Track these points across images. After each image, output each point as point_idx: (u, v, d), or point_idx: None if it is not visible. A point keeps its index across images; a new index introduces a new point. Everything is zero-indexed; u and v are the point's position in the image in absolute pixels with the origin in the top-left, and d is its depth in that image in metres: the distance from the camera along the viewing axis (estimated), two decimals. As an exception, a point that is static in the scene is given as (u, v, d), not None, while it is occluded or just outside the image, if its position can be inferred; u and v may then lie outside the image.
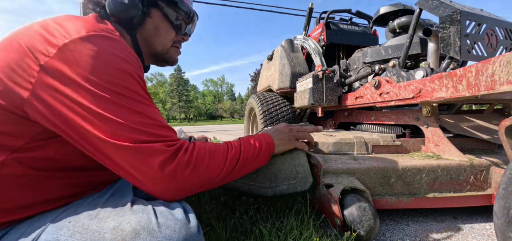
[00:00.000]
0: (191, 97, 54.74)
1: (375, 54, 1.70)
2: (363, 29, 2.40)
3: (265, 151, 0.70)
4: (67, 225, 0.42)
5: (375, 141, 1.17)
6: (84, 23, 0.48)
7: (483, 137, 1.11)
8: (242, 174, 0.63)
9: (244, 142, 0.66)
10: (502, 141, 0.70)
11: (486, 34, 1.06)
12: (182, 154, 0.49)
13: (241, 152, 0.62)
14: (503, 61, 0.75)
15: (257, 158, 0.67)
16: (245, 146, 0.65)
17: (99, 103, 0.43)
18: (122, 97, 0.45)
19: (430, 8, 1.16)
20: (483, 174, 0.93)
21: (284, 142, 0.80)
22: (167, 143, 0.48)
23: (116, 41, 0.49)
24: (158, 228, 0.41)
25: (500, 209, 0.58)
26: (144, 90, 0.50)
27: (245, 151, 0.63)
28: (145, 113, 0.48)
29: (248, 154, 0.64)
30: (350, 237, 0.69)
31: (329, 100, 1.59)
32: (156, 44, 0.68)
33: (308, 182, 0.83)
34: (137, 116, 0.46)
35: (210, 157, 0.54)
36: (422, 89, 1.06)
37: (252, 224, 0.79)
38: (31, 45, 0.43)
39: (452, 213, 0.98)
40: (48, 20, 0.48)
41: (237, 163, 0.60)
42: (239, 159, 0.61)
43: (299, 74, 2.08)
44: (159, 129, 0.48)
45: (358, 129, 1.63)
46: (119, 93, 0.45)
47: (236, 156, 0.60)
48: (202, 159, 0.52)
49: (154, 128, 0.48)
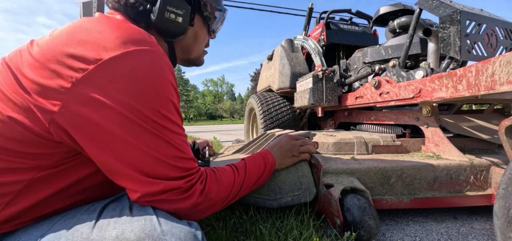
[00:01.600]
0: (191, 97, 54.72)
1: (375, 54, 1.70)
2: (363, 29, 2.40)
3: (266, 175, 0.72)
4: (65, 235, 0.39)
5: (375, 141, 1.17)
6: (123, 32, 0.43)
7: (483, 137, 1.11)
8: (243, 195, 0.66)
9: (249, 168, 0.66)
10: (502, 141, 0.70)
11: (486, 34, 1.06)
12: (197, 194, 0.50)
13: (245, 179, 0.64)
14: (503, 61, 0.75)
15: (258, 181, 0.69)
16: (250, 171, 0.66)
17: (134, 132, 0.42)
18: (160, 128, 0.45)
19: (430, 8, 1.16)
20: (483, 174, 0.93)
21: (286, 161, 0.82)
22: (186, 179, 0.48)
23: (159, 56, 0.45)
24: (163, 236, 0.39)
25: (500, 209, 0.58)
26: (179, 114, 0.50)
27: (249, 176, 0.65)
28: (173, 143, 0.47)
29: (252, 179, 0.66)
30: (350, 237, 0.69)
31: (329, 100, 1.59)
32: (192, 51, 0.68)
33: (312, 193, 0.84)
34: (168, 148, 0.46)
35: (218, 187, 0.55)
36: (422, 89, 1.06)
37: (252, 224, 0.79)
38: (60, 56, 0.40)
39: (452, 213, 0.98)
40: (80, 24, 0.44)
41: (241, 189, 0.62)
42: (242, 185, 0.63)
43: (299, 74, 2.08)
44: (182, 162, 0.48)
45: (358, 129, 1.63)
46: (160, 124, 0.44)
47: (240, 183, 0.62)
48: (211, 190, 0.53)
49: (178, 161, 0.47)
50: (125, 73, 0.41)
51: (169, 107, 0.46)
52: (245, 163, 0.67)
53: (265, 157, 0.74)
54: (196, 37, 0.65)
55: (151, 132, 0.43)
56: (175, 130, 0.47)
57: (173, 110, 0.47)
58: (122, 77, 0.41)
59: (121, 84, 0.40)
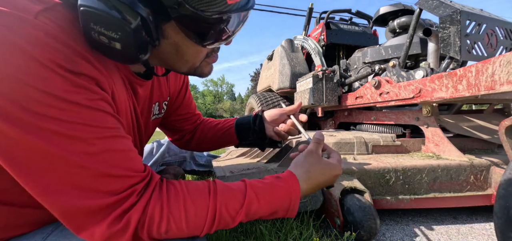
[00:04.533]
0: (191, 97, 54.61)
1: (375, 54, 1.70)
2: (363, 29, 2.41)
3: (283, 214, 0.49)
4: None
5: (375, 141, 1.17)
6: None
7: (483, 137, 1.11)
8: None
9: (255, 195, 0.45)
10: (502, 141, 0.70)
11: (486, 34, 1.06)
12: (133, 225, 0.36)
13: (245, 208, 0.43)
14: (503, 61, 0.75)
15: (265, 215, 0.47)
16: (262, 200, 0.45)
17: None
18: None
19: (430, 8, 1.16)
20: (483, 174, 0.93)
21: (317, 188, 0.55)
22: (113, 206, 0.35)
23: (18, 21, 0.30)
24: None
25: (500, 209, 0.58)
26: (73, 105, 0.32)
27: (252, 205, 0.44)
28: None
29: (259, 211, 0.46)
30: (350, 237, 0.69)
31: (329, 100, 1.59)
32: (178, 66, 0.49)
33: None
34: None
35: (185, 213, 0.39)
36: (422, 89, 1.06)
37: (252, 224, 0.79)
38: None
39: (452, 213, 0.98)
40: None
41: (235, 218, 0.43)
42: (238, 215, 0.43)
43: (299, 74, 2.08)
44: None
45: (358, 129, 1.63)
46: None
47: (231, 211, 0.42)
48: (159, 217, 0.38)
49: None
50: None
51: (39, 99, 0.30)
52: (256, 194, 0.46)
53: (290, 193, 0.49)
54: (178, 50, 0.44)
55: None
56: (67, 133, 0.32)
57: (54, 102, 0.30)
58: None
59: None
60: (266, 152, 1.06)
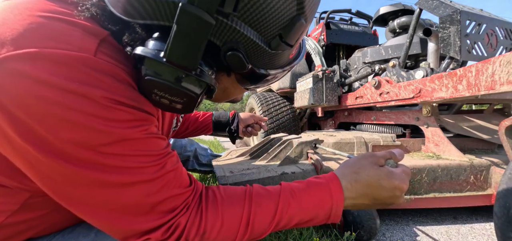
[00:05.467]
0: (191, 97, 54.57)
1: (375, 54, 1.70)
2: (363, 29, 2.41)
3: (317, 223, 0.45)
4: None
5: (375, 141, 1.17)
6: (35, 19, 0.29)
7: (483, 137, 1.11)
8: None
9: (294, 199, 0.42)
10: (502, 141, 0.70)
11: (486, 34, 1.06)
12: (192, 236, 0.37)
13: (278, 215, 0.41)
14: (503, 61, 0.75)
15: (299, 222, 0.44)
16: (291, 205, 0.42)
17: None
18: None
19: (430, 8, 1.16)
20: (483, 174, 0.93)
21: (370, 198, 0.45)
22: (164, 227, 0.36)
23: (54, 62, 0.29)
24: None
25: (500, 209, 0.58)
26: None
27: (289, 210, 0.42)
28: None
29: (295, 218, 0.42)
30: (350, 237, 0.69)
31: (329, 100, 1.59)
32: (219, 99, 0.50)
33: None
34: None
35: (222, 225, 0.39)
36: (422, 89, 1.06)
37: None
38: None
39: (452, 213, 0.98)
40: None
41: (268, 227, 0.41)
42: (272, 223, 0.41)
43: (299, 74, 2.08)
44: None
45: (358, 129, 1.63)
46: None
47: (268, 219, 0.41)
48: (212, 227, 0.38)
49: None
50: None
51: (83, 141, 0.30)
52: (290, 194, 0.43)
53: (325, 192, 0.43)
54: (226, 91, 0.46)
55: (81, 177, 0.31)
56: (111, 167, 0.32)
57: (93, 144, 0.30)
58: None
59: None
60: (266, 152, 1.07)
